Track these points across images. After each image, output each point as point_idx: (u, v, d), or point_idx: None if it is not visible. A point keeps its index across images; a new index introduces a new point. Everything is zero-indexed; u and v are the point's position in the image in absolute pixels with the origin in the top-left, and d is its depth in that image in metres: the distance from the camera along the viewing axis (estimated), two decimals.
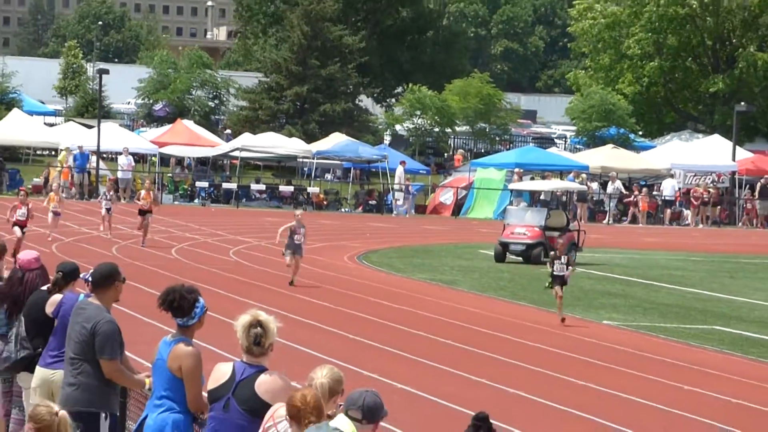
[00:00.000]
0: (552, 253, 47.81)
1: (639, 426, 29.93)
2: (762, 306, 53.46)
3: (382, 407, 13.17)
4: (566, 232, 68.10)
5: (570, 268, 44.41)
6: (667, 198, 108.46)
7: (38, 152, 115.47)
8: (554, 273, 43.95)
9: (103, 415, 17.35)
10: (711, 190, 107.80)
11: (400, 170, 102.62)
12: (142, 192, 58.60)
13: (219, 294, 44.77)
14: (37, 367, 20.08)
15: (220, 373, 15.43)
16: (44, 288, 21.75)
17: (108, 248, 53.71)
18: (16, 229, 49.36)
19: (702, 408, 32.87)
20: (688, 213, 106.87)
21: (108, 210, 60.84)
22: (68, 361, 18.51)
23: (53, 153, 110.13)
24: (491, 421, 11.25)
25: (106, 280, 18.90)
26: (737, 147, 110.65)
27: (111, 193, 62.14)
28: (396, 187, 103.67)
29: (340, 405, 12.90)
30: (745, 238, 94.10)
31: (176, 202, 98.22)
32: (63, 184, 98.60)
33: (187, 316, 16.47)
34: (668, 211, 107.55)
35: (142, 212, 58.12)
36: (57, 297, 20.88)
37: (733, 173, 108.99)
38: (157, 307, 17.07)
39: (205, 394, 15.74)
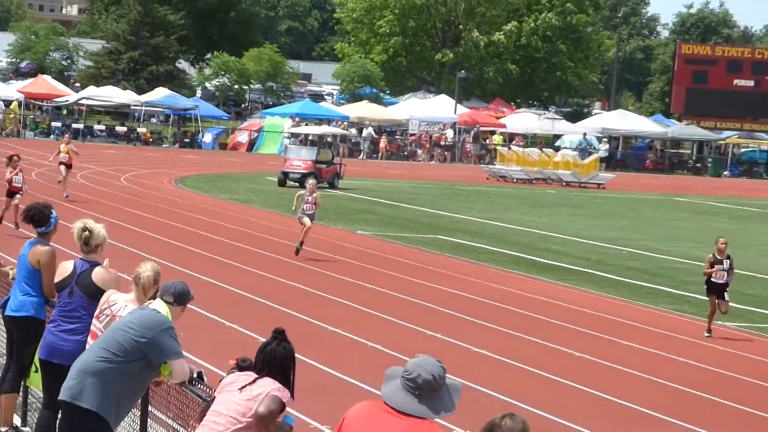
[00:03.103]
0: None
1: (377, 307, 30.48)
2: (473, 221, 53.59)
3: (188, 293, 13.32)
4: (331, 165, 68.53)
5: None
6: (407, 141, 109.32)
7: None
8: None
9: None
10: (438, 135, 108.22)
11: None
12: (62, 146, 51.72)
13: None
14: None
15: (64, 269, 15.43)
16: None
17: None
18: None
19: (424, 294, 33.14)
20: (420, 152, 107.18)
21: None
22: None
23: None
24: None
25: None
26: (458, 104, 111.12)
27: None
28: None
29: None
30: (462, 171, 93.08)
31: (36, 138, 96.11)
32: None
33: (45, 225, 16.60)
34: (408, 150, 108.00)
35: (67, 165, 50.50)
36: None
37: (455, 123, 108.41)
38: (21, 221, 18.42)
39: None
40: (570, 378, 23.65)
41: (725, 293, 25.56)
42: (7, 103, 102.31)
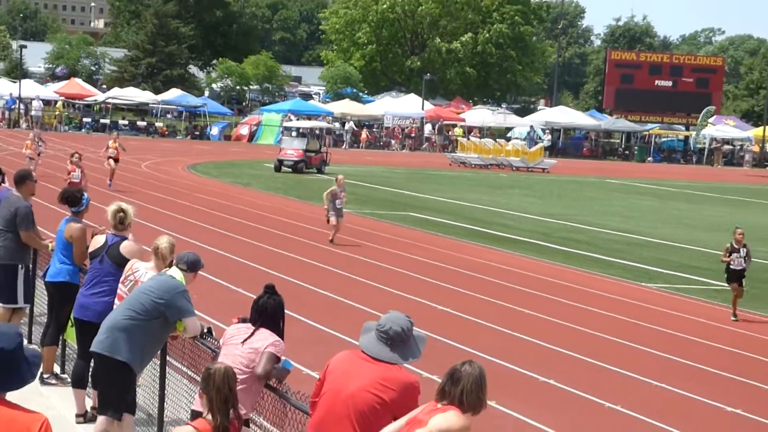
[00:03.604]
0: None
1: (356, 273, 30.30)
2: (438, 200, 53.17)
3: (199, 261, 13.47)
4: (319, 153, 68.27)
5: None
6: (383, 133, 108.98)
7: None
8: None
9: (20, 266, 17.43)
10: (409, 128, 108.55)
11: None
12: (110, 142, 49.51)
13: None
14: None
15: (96, 241, 15.79)
16: None
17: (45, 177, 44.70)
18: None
19: (396, 261, 33.18)
20: (394, 142, 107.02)
21: (39, 154, 49.35)
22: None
23: None
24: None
25: (23, 179, 18.78)
26: (425, 102, 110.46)
27: (40, 141, 50.72)
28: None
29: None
30: (429, 158, 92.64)
31: (69, 131, 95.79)
32: None
33: (78, 205, 16.71)
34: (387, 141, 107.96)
35: (115, 159, 47.98)
36: None
37: (422, 118, 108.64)
38: (59, 202, 17.61)
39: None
40: (520, 332, 23.89)
41: (743, 279, 24.44)
42: (47, 102, 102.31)
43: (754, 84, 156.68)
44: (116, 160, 47.33)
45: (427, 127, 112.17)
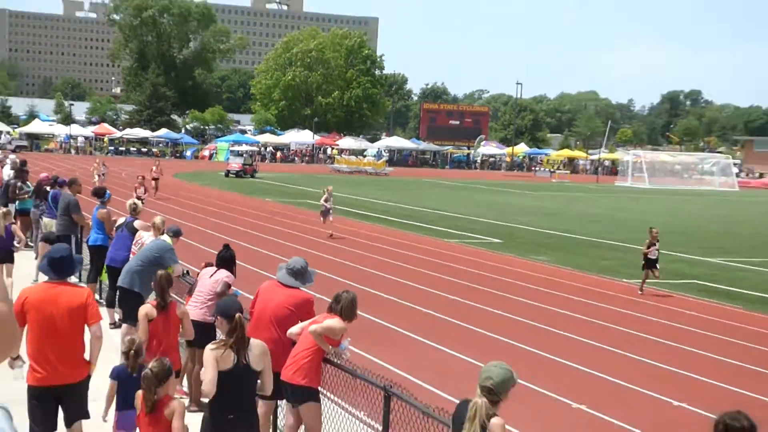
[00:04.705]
0: None
1: (271, 249, 28.47)
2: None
3: (180, 231, 13.72)
4: (251, 166, 67.34)
5: None
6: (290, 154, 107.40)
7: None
8: None
9: (72, 236, 17.43)
10: (306, 150, 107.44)
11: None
12: (153, 167, 44.22)
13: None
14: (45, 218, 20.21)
15: (120, 218, 16.05)
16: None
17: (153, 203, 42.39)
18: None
19: (301, 229, 32.12)
20: (297, 159, 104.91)
21: (104, 174, 43.46)
22: (59, 217, 18.26)
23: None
24: None
25: (72, 183, 18.64)
26: (314, 134, 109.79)
27: (103, 165, 45.80)
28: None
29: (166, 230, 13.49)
30: (318, 168, 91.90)
31: (99, 154, 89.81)
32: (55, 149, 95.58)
33: (102, 198, 17.12)
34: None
35: (154, 179, 42.80)
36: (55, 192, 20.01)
37: (313, 144, 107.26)
38: (91, 196, 18.55)
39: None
40: (395, 275, 22.77)
41: (657, 264, 21.95)
42: (87, 137, 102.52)
43: (506, 122, 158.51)
44: (156, 179, 42.23)
45: (339, 148, 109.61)
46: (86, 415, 8.57)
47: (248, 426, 7.69)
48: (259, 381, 7.80)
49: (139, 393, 7.73)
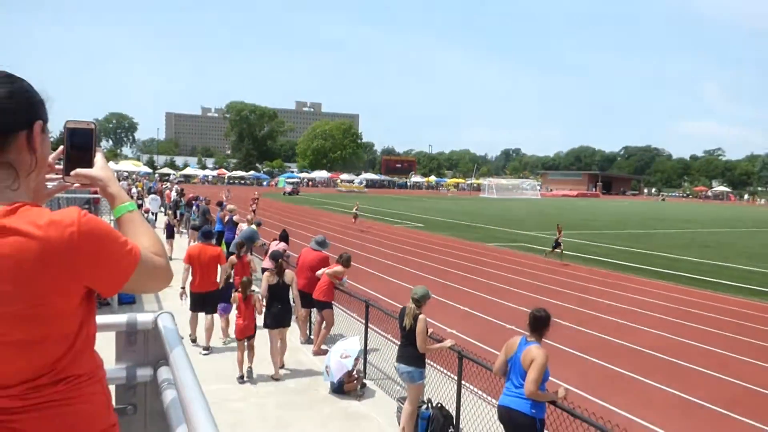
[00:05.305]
0: None
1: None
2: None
3: (261, 222, 11.47)
4: (296, 189, 60.95)
5: None
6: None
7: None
8: None
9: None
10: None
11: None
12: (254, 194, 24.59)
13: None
14: None
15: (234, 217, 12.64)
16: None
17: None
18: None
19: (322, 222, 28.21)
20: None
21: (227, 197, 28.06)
22: (200, 216, 14.44)
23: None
24: None
25: (208, 202, 16.01)
26: (328, 172, 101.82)
27: (228, 192, 33.73)
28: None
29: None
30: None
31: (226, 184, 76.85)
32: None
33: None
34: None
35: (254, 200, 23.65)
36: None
37: (328, 178, 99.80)
38: (216, 205, 14.95)
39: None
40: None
41: (561, 245, 15.65)
42: (214, 176, 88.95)
43: (425, 165, 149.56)
44: (255, 200, 21.77)
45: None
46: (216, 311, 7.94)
47: (286, 311, 7.01)
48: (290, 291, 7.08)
49: (236, 294, 7.03)
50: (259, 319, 7.37)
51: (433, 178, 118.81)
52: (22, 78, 1.19)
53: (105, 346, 1.55)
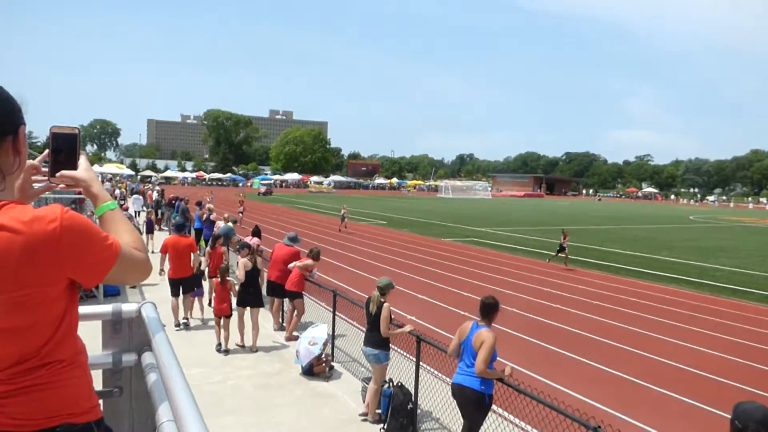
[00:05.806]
0: None
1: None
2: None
3: (236, 220, 10.99)
4: (270, 190, 59.38)
5: None
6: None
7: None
8: None
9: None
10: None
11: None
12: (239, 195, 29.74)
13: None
14: None
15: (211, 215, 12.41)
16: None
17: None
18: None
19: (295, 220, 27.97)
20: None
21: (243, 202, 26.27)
22: (180, 214, 13.88)
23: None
24: None
25: (187, 201, 15.89)
26: (300, 174, 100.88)
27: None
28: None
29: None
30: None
31: (205, 186, 74.64)
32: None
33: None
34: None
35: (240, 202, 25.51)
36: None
37: (299, 179, 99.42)
38: (195, 204, 14.61)
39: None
40: None
41: (564, 250, 14.55)
42: (193, 178, 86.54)
43: (387, 168, 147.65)
44: (241, 202, 24.50)
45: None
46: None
47: (257, 293, 7.24)
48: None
49: (214, 280, 7.60)
50: (235, 304, 7.58)
51: (395, 180, 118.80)
52: (1, 85, 1.18)
53: (93, 334, 1.59)
